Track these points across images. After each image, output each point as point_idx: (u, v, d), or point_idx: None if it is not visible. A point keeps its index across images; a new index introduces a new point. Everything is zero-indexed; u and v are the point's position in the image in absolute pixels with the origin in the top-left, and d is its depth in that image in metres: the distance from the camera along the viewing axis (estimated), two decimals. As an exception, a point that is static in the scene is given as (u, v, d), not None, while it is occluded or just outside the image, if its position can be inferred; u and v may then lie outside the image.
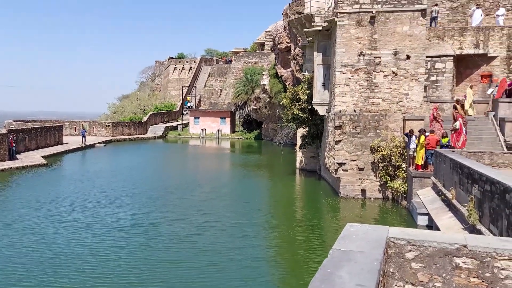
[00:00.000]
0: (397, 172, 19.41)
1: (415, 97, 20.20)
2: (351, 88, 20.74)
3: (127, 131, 53.59)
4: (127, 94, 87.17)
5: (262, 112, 52.14)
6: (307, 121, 26.57)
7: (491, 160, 12.25)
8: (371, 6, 20.19)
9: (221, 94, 68.59)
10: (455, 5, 26.58)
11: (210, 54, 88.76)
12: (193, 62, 78.69)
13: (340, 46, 20.67)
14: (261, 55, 64.40)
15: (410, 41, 20.02)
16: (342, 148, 20.54)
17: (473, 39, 23.11)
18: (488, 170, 8.47)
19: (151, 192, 21.84)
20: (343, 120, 20.38)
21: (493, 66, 23.12)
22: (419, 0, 19.88)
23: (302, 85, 27.31)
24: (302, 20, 26.05)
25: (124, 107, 69.77)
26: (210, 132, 56.88)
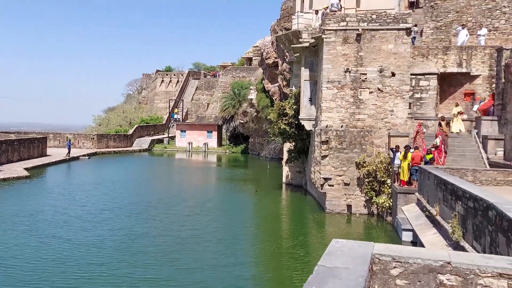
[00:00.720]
0: (382, 187, 19.54)
1: (400, 114, 20.47)
2: (337, 103, 20.95)
3: (112, 143, 53.09)
4: (113, 107, 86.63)
5: (249, 126, 52.24)
6: (293, 136, 26.68)
7: (474, 177, 12.41)
8: (357, 24, 20.54)
9: (208, 108, 68.61)
10: (438, 25, 27.21)
11: (198, 68, 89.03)
12: (181, 76, 78.76)
13: (327, 63, 20.91)
14: (248, 69, 64.80)
15: (395, 59, 20.36)
16: (328, 163, 20.63)
17: (456, 58, 23.62)
18: (471, 187, 8.57)
19: (133, 206, 21.44)
20: (329, 135, 20.52)
21: (475, 85, 23.62)
22: (403, 19, 20.31)
23: (289, 100, 27.50)
24: (289, 36, 26.36)
25: (109, 119, 69.26)
26: (196, 145, 56.68)
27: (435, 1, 27.38)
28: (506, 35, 25.24)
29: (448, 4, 26.99)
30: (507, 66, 18.35)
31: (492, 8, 25.81)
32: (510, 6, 25.39)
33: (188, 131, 58.28)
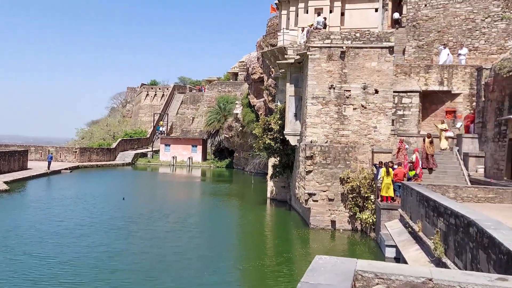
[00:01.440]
0: (365, 203, 19.64)
1: (383, 130, 20.73)
2: (322, 119, 21.12)
3: (95, 157, 52.41)
4: (97, 120, 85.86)
5: (234, 141, 52.23)
6: (278, 151, 26.75)
7: (455, 194, 12.58)
8: (342, 41, 20.87)
9: (193, 122, 68.47)
10: (420, 44, 27.84)
11: (184, 82, 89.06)
12: (166, 89, 78.67)
13: (312, 79, 21.14)
14: (234, 84, 65.08)
15: (378, 76, 20.70)
16: (312, 179, 20.69)
17: (438, 76, 24.13)
18: (453, 204, 8.68)
19: (113, 221, 20.92)
20: (314, 150, 20.63)
21: (457, 103, 24.11)
22: (386, 38, 20.72)
23: (275, 115, 27.65)
24: (275, 52, 26.63)
25: (93, 132, 68.53)
26: (181, 159, 56.33)
27: (417, 21, 28.06)
28: (485, 55, 25.92)
29: (429, 24, 27.67)
30: (487, 85, 18.81)
31: (472, 28, 26.55)
32: (489, 27, 26.15)
33: (173, 145, 57.96)
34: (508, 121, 16.61)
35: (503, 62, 16.52)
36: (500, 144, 17.45)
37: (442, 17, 27.33)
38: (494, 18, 26.07)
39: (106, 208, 24.72)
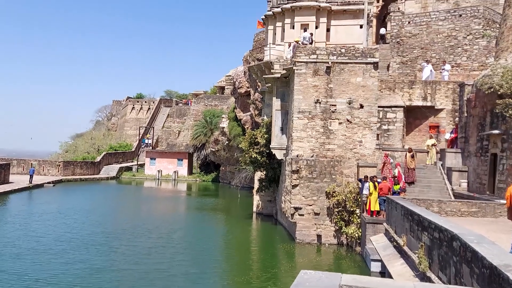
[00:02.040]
0: (351, 217, 19.67)
1: (368, 145, 20.90)
2: (308, 133, 21.23)
3: (79, 171, 51.68)
4: (81, 133, 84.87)
5: (220, 155, 52.09)
6: (264, 165, 26.73)
7: (439, 208, 12.69)
8: (327, 57, 21.12)
9: (179, 135, 68.18)
10: (404, 60, 28.34)
11: (170, 95, 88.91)
12: (152, 103, 78.37)
13: (298, 93, 21.29)
14: (221, 98, 65.15)
15: (363, 91, 20.94)
16: (298, 193, 20.68)
17: (421, 91, 24.54)
18: (437, 218, 8.74)
19: (94, 237, 20.38)
20: (300, 164, 20.66)
21: (440, 118, 24.51)
22: (371, 54, 21.04)
23: (261, 129, 27.70)
24: (261, 66, 26.81)
25: (77, 146, 67.70)
26: (166, 173, 55.86)
27: (401, 38, 28.61)
28: (467, 71, 26.50)
29: (413, 41, 28.24)
30: (469, 101, 19.17)
31: (454, 45, 27.17)
32: (471, 44, 26.79)
33: (158, 159, 57.51)
34: (490, 136, 16.91)
35: (484, 79, 16.88)
36: (482, 159, 17.73)
37: (425, 34, 27.92)
38: (475, 35, 26.74)
39: (88, 223, 24.16)
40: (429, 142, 21.99)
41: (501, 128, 15.94)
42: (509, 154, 15.36)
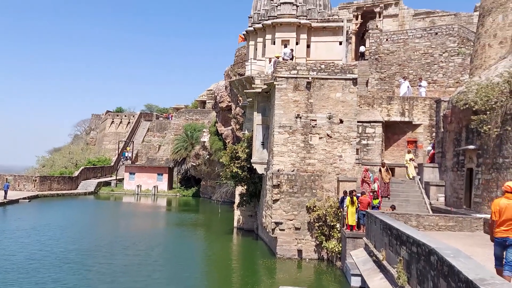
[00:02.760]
0: (332, 232, 19.70)
1: (348, 159, 21.10)
2: (289, 148, 21.32)
3: (56, 186, 50.56)
4: (59, 147, 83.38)
5: (201, 169, 51.76)
6: (245, 179, 26.66)
7: (418, 222, 12.83)
8: (308, 72, 21.38)
9: (159, 150, 67.56)
10: (383, 76, 28.91)
11: (150, 109, 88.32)
12: (132, 117, 77.65)
13: (279, 108, 21.43)
14: (202, 112, 65.06)
15: (343, 107, 21.22)
16: (279, 207, 20.65)
17: (399, 107, 25.01)
18: (415, 232, 8.82)
19: (68, 255, 19.69)
20: (281, 179, 20.68)
21: (417, 133, 24.98)
22: (350, 70, 21.40)
23: (242, 143, 27.70)
24: (243, 81, 26.94)
25: (54, 160, 66.35)
26: (146, 188, 55.10)
27: (379, 55, 29.21)
28: (444, 88, 27.17)
29: (391, 58, 28.87)
30: (445, 116, 19.59)
31: (431, 62, 27.88)
32: (447, 62, 27.54)
33: (138, 174, 56.73)
34: (465, 151, 17.27)
35: (459, 95, 17.31)
36: (458, 174, 18.06)
37: (403, 51, 28.59)
38: (451, 53, 27.51)
39: (62, 240, 23.41)
40: (407, 157, 22.34)
41: (476, 144, 16.31)
42: (484, 169, 15.70)
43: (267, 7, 27.41)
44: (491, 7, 18.21)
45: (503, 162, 14.40)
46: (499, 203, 7.42)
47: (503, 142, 14.45)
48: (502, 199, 7.52)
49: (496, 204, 7.47)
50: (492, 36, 18.09)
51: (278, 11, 26.57)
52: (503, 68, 15.93)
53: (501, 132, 14.52)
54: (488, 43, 18.19)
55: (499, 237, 7.34)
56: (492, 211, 7.46)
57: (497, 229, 7.39)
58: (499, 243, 7.37)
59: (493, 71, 16.58)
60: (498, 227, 7.37)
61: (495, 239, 7.45)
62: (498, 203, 7.45)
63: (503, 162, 14.37)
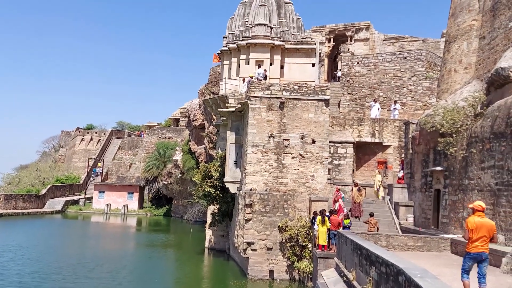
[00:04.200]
0: (303, 252, 19.65)
1: (320, 179, 21.27)
2: (262, 167, 21.34)
3: (22, 204, 48.75)
4: (26, 164, 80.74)
5: (173, 188, 51.05)
6: (218, 199, 26.43)
7: (387, 242, 12.97)
8: (281, 93, 21.62)
9: (130, 168, 66.34)
10: (354, 98, 29.54)
11: (122, 127, 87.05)
12: (103, 134, 76.25)
13: (252, 127, 21.51)
14: (175, 130, 64.55)
15: (315, 127, 21.49)
16: (251, 227, 20.51)
17: (370, 128, 25.54)
18: (384, 252, 8.90)
19: (23, 278, 18.62)
20: (253, 198, 20.61)
21: (387, 154, 25.50)
22: (322, 91, 21.78)
23: (215, 162, 27.55)
24: (217, 100, 26.98)
25: (21, 178, 64.12)
26: (115, 207, 53.78)
27: (350, 77, 29.91)
28: (412, 110, 27.97)
29: (362, 80, 29.60)
30: (413, 138, 20.10)
31: (400, 85, 28.73)
32: (415, 85, 28.43)
33: (107, 192, 55.41)
34: (433, 173, 17.70)
35: (427, 118, 17.83)
36: (427, 194, 18.46)
37: (373, 74, 29.39)
38: (419, 77, 28.46)
39: (21, 262, 22.26)
40: (377, 178, 22.70)
41: (443, 165, 16.76)
42: (451, 190, 16.10)
43: (242, 28, 27.77)
44: (456, 34, 19.01)
45: (468, 183, 14.81)
46: (474, 221, 7.97)
47: (469, 164, 14.90)
48: (475, 217, 8.06)
49: (472, 222, 8.00)
50: (457, 62, 18.82)
51: (253, 32, 26.94)
52: (468, 92, 16.56)
53: (467, 154, 14.98)
54: (454, 68, 18.91)
55: (475, 252, 7.92)
56: (469, 229, 7.98)
57: (472, 245, 7.96)
58: (474, 257, 7.94)
59: (459, 95, 17.20)
60: (473, 243, 7.94)
61: (470, 254, 7.97)
62: (473, 221, 8.00)
63: (469, 183, 14.79)
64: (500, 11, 16.32)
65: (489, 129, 13.75)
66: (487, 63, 16.75)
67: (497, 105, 13.78)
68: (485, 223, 7.95)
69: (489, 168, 13.54)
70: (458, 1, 19.14)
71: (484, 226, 7.91)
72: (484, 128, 14.05)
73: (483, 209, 8.14)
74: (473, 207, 8.22)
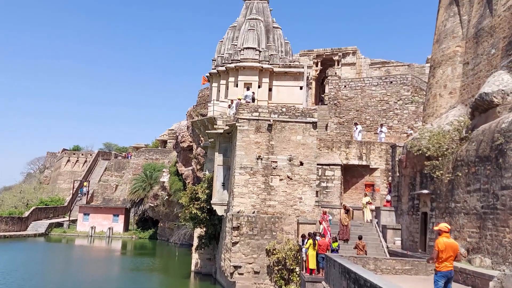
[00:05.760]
0: (291, 276, 19.40)
1: (308, 201, 21.21)
2: (249, 189, 21.23)
3: (4, 227, 47.52)
4: (10, 186, 79.28)
5: (159, 210, 50.40)
6: (205, 221, 26.12)
7: (375, 266, 12.88)
8: (269, 115, 21.74)
9: (116, 190, 65.47)
10: (341, 121, 29.82)
11: (109, 148, 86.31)
12: (89, 155, 75.39)
13: (240, 149, 21.49)
14: (162, 152, 64.16)
15: (303, 149, 21.56)
16: (238, 250, 20.24)
17: (357, 151, 25.71)
18: (372, 276, 8.83)
19: None
20: (241, 221, 20.41)
21: (375, 177, 25.60)
22: (310, 114, 21.95)
23: (202, 184, 27.34)
24: (205, 122, 27.01)
25: (4, 199, 62.82)
26: (100, 230, 52.75)
27: (338, 100, 30.26)
28: (399, 134, 28.28)
29: (349, 103, 29.94)
30: (400, 161, 20.25)
31: (386, 109, 29.11)
32: (401, 109, 28.84)
33: (92, 214, 54.44)
34: (420, 196, 17.79)
35: (413, 141, 18.02)
36: (414, 217, 18.49)
37: (360, 98, 29.77)
38: (405, 101, 28.90)
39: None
40: (364, 200, 22.72)
41: (430, 188, 16.86)
42: (438, 213, 16.16)
43: (231, 51, 28.08)
44: (441, 60, 19.44)
45: (455, 206, 14.89)
46: (443, 242, 8.72)
47: (455, 187, 15.01)
48: (443, 238, 8.81)
49: (441, 243, 8.72)
50: (442, 86, 19.19)
51: (242, 55, 27.24)
52: (453, 116, 16.83)
53: (453, 177, 15.11)
54: (439, 93, 19.26)
55: (446, 271, 8.67)
56: (439, 250, 8.69)
57: (442, 265, 8.66)
58: (445, 275, 8.69)
59: (444, 119, 17.47)
60: (443, 262, 8.65)
61: (442, 272, 8.69)
62: (442, 242, 8.73)
63: (455, 206, 14.86)
64: (482, 38, 16.79)
65: (474, 152, 13.94)
66: (471, 88, 17.11)
67: (481, 129, 14.01)
68: (451, 244, 8.76)
69: (475, 191, 13.66)
70: (442, 28, 19.65)
71: (451, 247, 8.70)
72: (470, 152, 14.23)
73: (448, 230, 8.99)
74: (440, 229, 8.94)
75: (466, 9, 18.46)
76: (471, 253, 13.14)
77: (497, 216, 12.17)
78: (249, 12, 29.34)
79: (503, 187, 12.02)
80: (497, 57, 15.48)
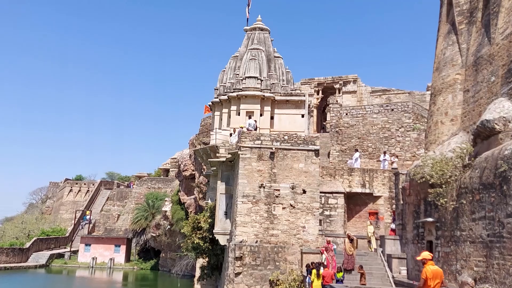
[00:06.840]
0: (295, 308, 18.96)
1: (311, 230, 20.95)
2: (252, 218, 21.03)
3: (4, 258, 47.04)
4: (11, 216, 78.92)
5: (161, 240, 49.84)
6: (207, 251, 25.76)
7: (381, 296, 12.56)
8: (271, 143, 21.77)
9: (118, 219, 64.99)
10: (343, 148, 29.83)
11: (112, 177, 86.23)
12: (92, 185, 75.31)
13: (242, 177, 21.42)
14: (165, 180, 64.04)
15: (305, 177, 21.46)
16: (241, 281, 19.86)
17: (360, 179, 25.57)
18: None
19: None
20: (244, 251, 20.12)
21: (378, 205, 25.37)
22: (312, 142, 21.98)
23: (204, 213, 27.11)
24: (207, 150, 27.03)
25: (5, 230, 62.43)
26: (101, 261, 52.09)
27: (339, 128, 30.36)
28: (402, 161, 28.19)
29: (351, 131, 30.03)
30: (403, 189, 20.10)
31: (388, 136, 29.15)
32: (403, 136, 28.88)
33: (94, 245, 53.91)
34: (424, 224, 17.55)
35: (416, 169, 17.92)
36: (419, 246, 18.18)
37: (362, 125, 29.87)
38: (406, 128, 28.97)
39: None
40: (370, 229, 22.44)
41: (434, 216, 16.65)
42: (443, 242, 15.90)
43: (233, 80, 28.40)
44: (441, 87, 19.58)
45: (460, 234, 14.67)
46: (431, 270, 9.16)
47: (459, 215, 14.82)
48: (430, 266, 9.26)
49: (429, 271, 9.17)
50: (443, 114, 19.25)
51: (243, 84, 27.53)
52: (455, 144, 16.80)
53: (457, 205, 14.94)
54: (440, 120, 19.30)
55: None
56: (427, 277, 9.12)
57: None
58: None
59: (446, 146, 17.44)
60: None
61: None
62: (430, 270, 9.17)
63: (461, 234, 14.64)
64: (482, 66, 16.96)
65: (478, 180, 13.83)
66: (472, 115, 17.15)
67: (484, 156, 13.96)
68: (438, 271, 9.32)
69: (480, 219, 13.47)
70: (442, 56, 19.90)
71: (438, 274, 9.20)
72: (473, 179, 14.13)
73: (431, 258, 9.54)
74: (424, 258, 9.40)
75: (465, 38, 18.73)
76: (479, 283, 12.85)
77: (504, 244, 11.97)
78: (250, 42, 29.84)
79: (508, 215, 11.86)
80: (497, 84, 15.59)
